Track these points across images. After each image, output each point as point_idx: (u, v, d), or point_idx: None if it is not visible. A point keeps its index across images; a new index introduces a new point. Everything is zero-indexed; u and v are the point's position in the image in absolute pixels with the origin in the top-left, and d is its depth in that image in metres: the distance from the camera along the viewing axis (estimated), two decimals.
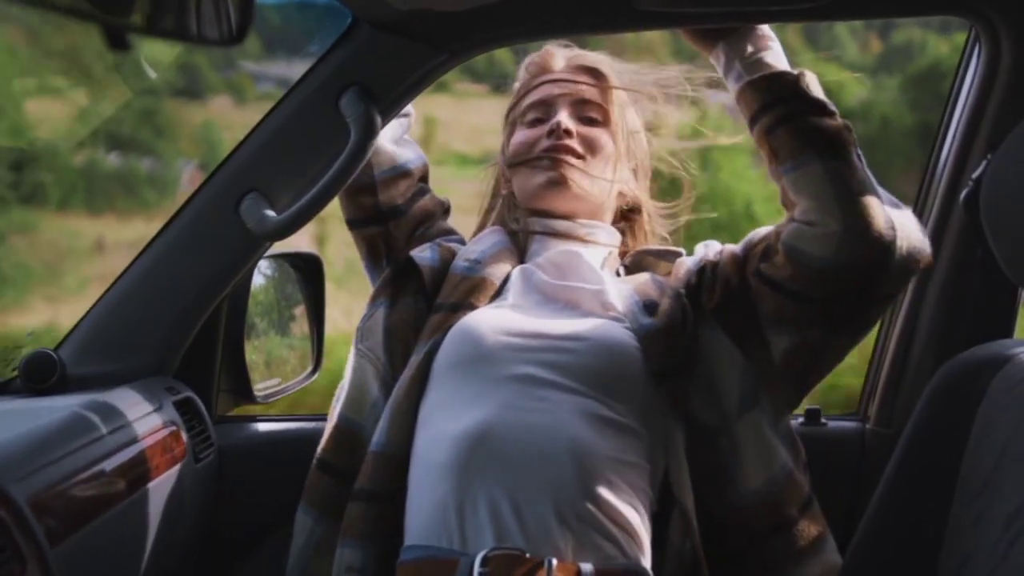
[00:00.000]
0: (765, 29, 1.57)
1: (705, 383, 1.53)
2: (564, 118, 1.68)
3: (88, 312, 1.71)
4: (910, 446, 1.55)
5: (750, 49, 1.54)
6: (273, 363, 1.95)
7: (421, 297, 1.64)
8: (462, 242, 1.76)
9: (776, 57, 1.55)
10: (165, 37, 1.10)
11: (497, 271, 1.63)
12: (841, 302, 1.49)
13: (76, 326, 1.71)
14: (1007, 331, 1.66)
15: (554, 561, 1.35)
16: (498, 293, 1.62)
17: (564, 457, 1.40)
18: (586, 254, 1.66)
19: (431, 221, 1.76)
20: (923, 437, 1.53)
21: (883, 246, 1.44)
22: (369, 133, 1.57)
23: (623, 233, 1.77)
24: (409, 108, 1.78)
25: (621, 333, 1.52)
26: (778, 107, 1.50)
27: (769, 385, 1.53)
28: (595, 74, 1.73)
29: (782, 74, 1.53)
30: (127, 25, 1.06)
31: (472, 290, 1.60)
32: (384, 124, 1.63)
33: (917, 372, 1.77)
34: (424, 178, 1.80)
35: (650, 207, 1.79)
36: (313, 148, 1.65)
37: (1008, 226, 1.34)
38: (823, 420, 1.83)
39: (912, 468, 1.54)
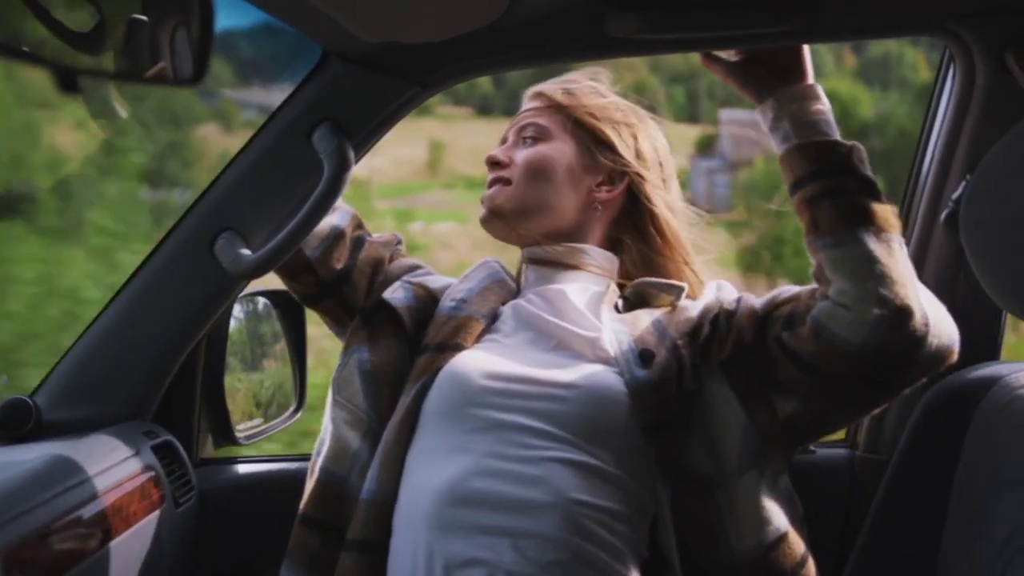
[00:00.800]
0: (818, 90, 1.51)
1: (706, 436, 1.47)
2: (496, 150, 1.66)
3: (64, 356, 1.69)
4: (899, 472, 1.53)
5: (802, 109, 1.49)
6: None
7: (403, 339, 1.60)
8: (430, 274, 1.72)
9: (828, 123, 1.49)
10: (123, 79, 1.08)
11: (483, 308, 1.59)
12: (856, 384, 1.44)
13: (52, 371, 1.68)
14: (993, 353, 1.64)
15: None
16: (487, 330, 1.58)
17: (548, 509, 1.38)
18: (580, 288, 1.61)
19: (383, 264, 1.70)
20: (912, 463, 1.52)
21: (914, 340, 1.40)
22: (343, 167, 1.55)
23: (619, 251, 1.67)
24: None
25: (612, 382, 1.47)
26: (826, 179, 1.45)
27: (770, 444, 1.48)
28: (540, 98, 1.69)
29: (835, 144, 1.47)
30: (83, 68, 1.04)
31: (458, 330, 1.56)
32: (358, 158, 1.62)
33: (905, 397, 1.75)
34: (359, 226, 1.73)
35: (663, 214, 1.65)
36: (287, 184, 1.63)
37: (989, 247, 1.33)
38: (812, 448, 1.81)
39: (903, 495, 1.52)
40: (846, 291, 1.42)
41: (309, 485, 1.57)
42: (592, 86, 1.68)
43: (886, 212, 1.44)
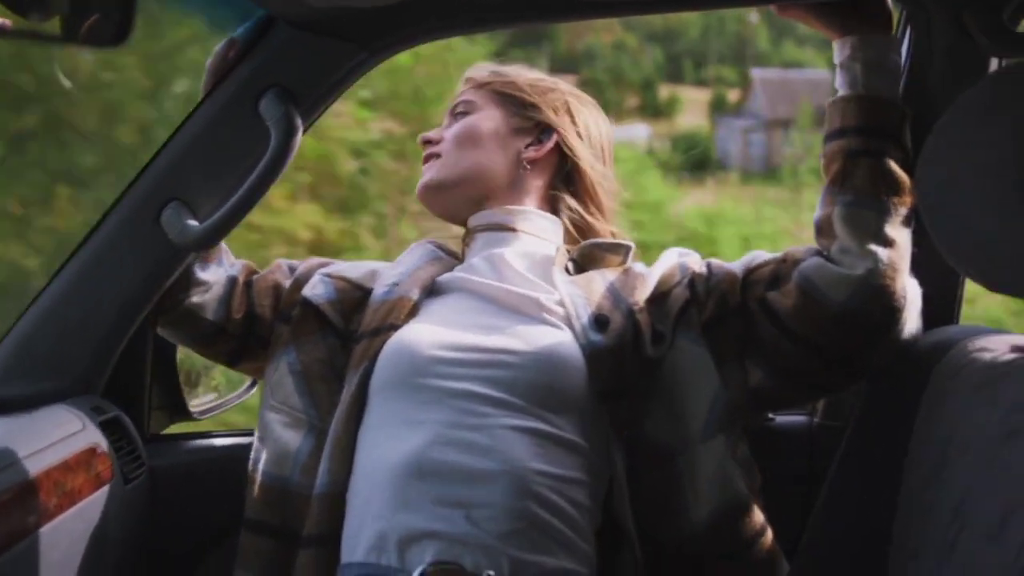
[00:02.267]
0: (898, 46, 1.51)
1: (668, 402, 1.47)
2: (430, 132, 1.70)
3: (8, 332, 1.65)
4: (855, 438, 1.52)
5: (878, 58, 1.48)
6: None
7: (329, 332, 1.60)
8: (347, 265, 1.71)
9: (896, 83, 1.50)
10: (50, 42, 1.05)
11: (416, 285, 1.58)
12: (825, 357, 1.46)
13: None
14: (950, 318, 1.63)
15: (491, 573, 1.32)
16: (424, 303, 1.57)
17: (502, 477, 1.37)
18: (523, 251, 1.60)
19: (281, 286, 1.69)
20: (868, 429, 1.51)
21: (891, 311, 1.43)
22: (290, 135, 1.52)
23: (564, 214, 1.66)
24: None
25: (566, 347, 1.46)
26: (877, 138, 1.46)
27: (737, 411, 1.49)
28: (470, 80, 1.72)
29: (894, 108, 1.47)
30: (16, 31, 1.02)
31: (390, 312, 1.54)
32: (307, 126, 1.58)
33: None
34: (251, 272, 1.73)
35: (591, 173, 1.67)
36: (234, 153, 1.59)
37: (945, 211, 1.32)
38: (771, 416, 1.80)
39: (859, 461, 1.51)
40: (847, 249, 1.44)
41: (252, 491, 1.55)
42: (524, 68, 1.72)
43: (909, 187, 1.44)
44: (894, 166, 1.45)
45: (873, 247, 1.42)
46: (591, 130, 1.70)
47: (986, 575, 1.11)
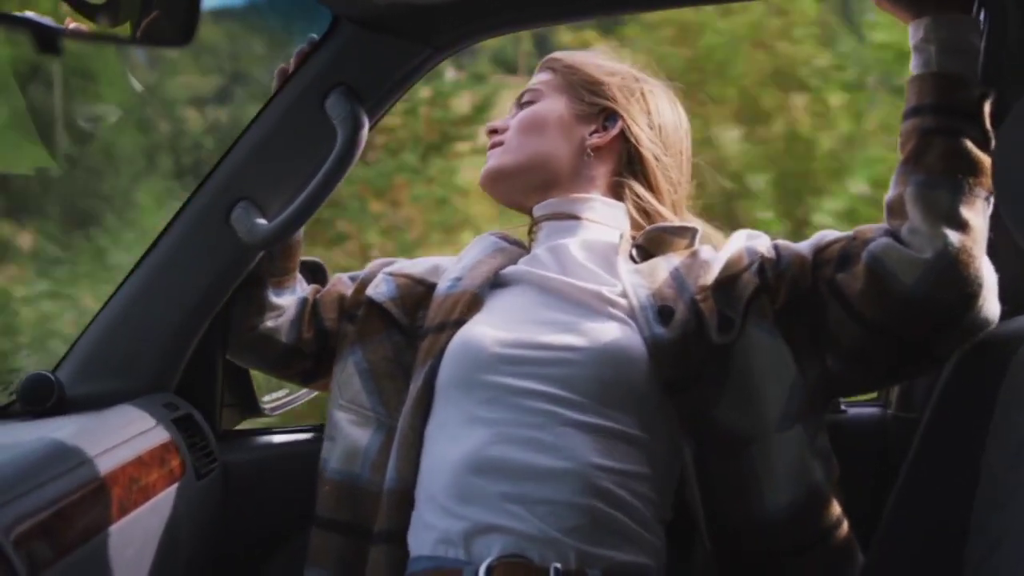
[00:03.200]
0: (977, 25, 1.46)
1: (742, 391, 1.44)
2: (495, 120, 1.69)
3: (84, 331, 1.69)
4: (931, 431, 1.49)
5: (953, 38, 1.43)
6: None
7: (395, 330, 1.61)
8: (408, 263, 1.72)
9: (974, 61, 1.44)
10: (119, 43, 1.07)
11: (479, 279, 1.58)
12: (896, 341, 1.42)
13: (73, 346, 1.69)
14: None
15: (559, 565, 1.32)
16: (487, 296, 1.56)
17: (566, 474, 1.37)
18: (588, 240, 1.58)
19: (344, 297, 1.71)
20: (944, 421, 1.48)
21: (965, 296, 1.38)
22: (356, 132, 1.54)
23: (630, 200, 1.63)
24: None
25: (627, 339, 1.44)
26: (950, 116, 1.41)
27: (816, 399, 1.46)
28: (541, 68, 1.70)
29: (971, 86, 1.43)
30: (78, 32, 1.03)
31: (453, 307, 1.54)
32: (373, 123, 1.59)
33: None
34: (317, 291, 1.76)
35: (654, 163, 1.64)
36: (301, 152, 1.61)
37: (1021, 197, 1.29)
38: (843, 407, 1.77)
39: (934, 454, 1.48)
40: (918, 230, 1.39)
41: (323, 489, 1.57)
42: (596, 54, 1.69)
43: (987, 168, 1.39)
44: (970, 146, 1.39)
45: (945, 229, 1.37)
46: (659, 117, 1.66)
47: None
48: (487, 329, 1.48)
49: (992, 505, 1.30)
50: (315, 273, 1.95)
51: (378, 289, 1.64)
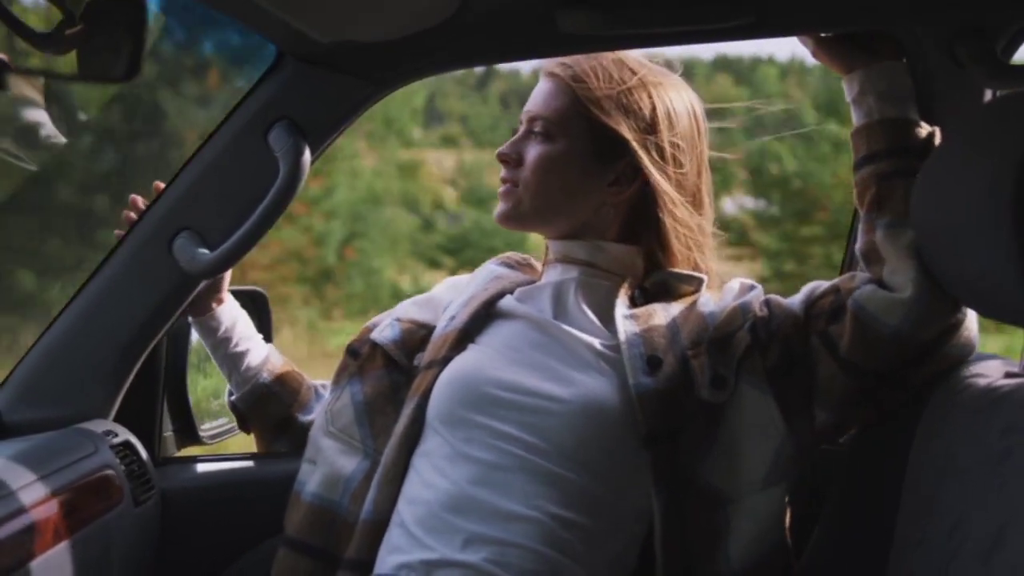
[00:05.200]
0: (904, 68, 1.50)
1: (729, 450, 1.46)
2: (506, 145, 1.62)
3: (24, 357, 1.69)
4: (854, 464, 1.54)
5: (888, 86, 1.47)
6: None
7: (394, 369, 1.63)
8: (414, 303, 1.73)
9: (912, 103, 1.48)
10: (63, 79, 1.09)
11: (468, 316, 1.59)
12: (883, 381, 1.45)
13: (12, 372, 1.69)
14: None
15: None
16: (472, 334, 1.58)
17: (528, 522, 1.41)
18: (592, 285, 1.59)
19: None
20: (865, 455, 1.52)
21: (951, 326, 1.42)
22: (298, 166, 1.56)
23: (643, 243, 1.61)
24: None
25: (611, 398, 1.46)
26: (904, 158, 1.45)
27: (801, 458, 1.48)
28: (549, 79, 1.61)
29: (917, 125, 1.47)
30: (26, 69, 1.05)
31: (443, 344, 1.58)
32: (315, 156, 1.62)
33: None
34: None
35: (671, 222, 1.58)
36: (244, 183, 1.63)
37: (939, 239, 1.34)
38: None
39: (857, 486, 1.53)
40: (896, 270, 1.43)
41: (297, 511, 1.59)
42: (608, 63, 1.59)
43: None
44: None
45: (920, 265, 1.41)
46: (674, 128, 1.59)
47: None
48: (477, 364, 1.52)
49: (908, 542, 1.33)
50: (256, 302, 1.96)
51: (383, 333, 1.66)
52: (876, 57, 1.49)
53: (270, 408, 1.76)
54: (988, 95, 1.55)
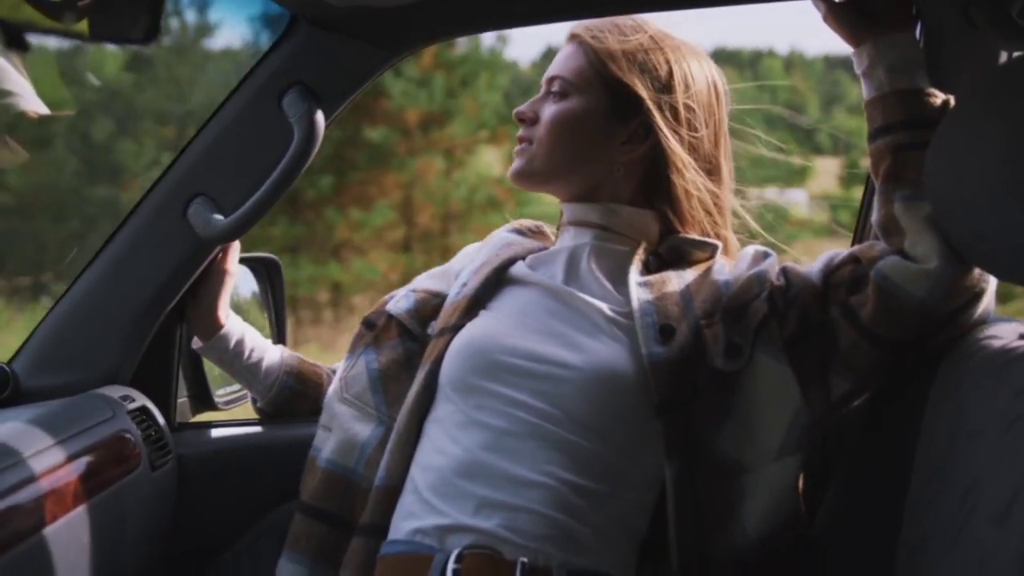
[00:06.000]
0: (916, 38, 1.49)
1: (744, 419, 1.46)
2: (524, 105, 1.62)
3: (41, 323, 1.70)
4: (866, 428, 1.54)
5: (900, 57, 1.46)
6: None
7: (408, 338, 1.63)
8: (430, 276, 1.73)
9: (922, 74, 1.47)
10: (80, 39, 1.09)
11: (479, 282, 1.59)
12: (904, 348, 1.45)
13: (29, 338, 1.70)
14: None
15: (525, 560, 1.37)
16: (484, 301, 1.58)
17: (541, 488, 1.41)
18: (605, 250, 1.59)
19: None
20: (878, 418, 1.52)
21: (975, 294, 1.41)
22: (312, 131, 1.56)
23: (657, 207, 1.60)
24: None
25: (623, 364, 1.46)
26: (918, 129, 1.44)
27: (816, 429, 1.48)
28: (571, 41, 1.61)
29: (931, 95, 1.45)
30: (44, 28, 1.05)
31: (454, 312, 1.58)
32: (329, 121, 1.62)
33: None
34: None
35: (684, 183, 1.58)
36: (258, 149, 1.63)
37: (953, 202, 1.33)
38: None
39: (869, 450, 1.53)
40: (918, 242, 1.42)
41: (312, 477, 1.60)
42: (634, 28, 1.60)
43: None
44: None
45: (942, 236, 1.40)
46: (690, 91, 1.59)
47: (990, 561, 1.12)
48: (489, 331, 1.52)
49: (921, 505, 1.33)
50: (269, 268, 1.97)
51: (398, 304, 1.67)
52: (885, 29, 1.48)
53: (298, 406, 1.78)
54: (1003, 57, 1.55)
